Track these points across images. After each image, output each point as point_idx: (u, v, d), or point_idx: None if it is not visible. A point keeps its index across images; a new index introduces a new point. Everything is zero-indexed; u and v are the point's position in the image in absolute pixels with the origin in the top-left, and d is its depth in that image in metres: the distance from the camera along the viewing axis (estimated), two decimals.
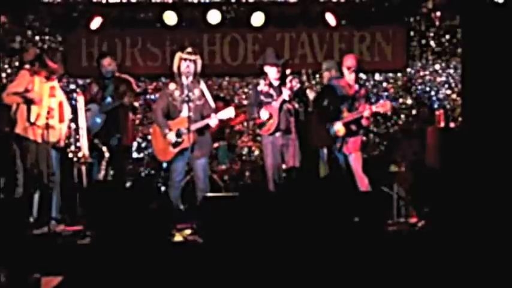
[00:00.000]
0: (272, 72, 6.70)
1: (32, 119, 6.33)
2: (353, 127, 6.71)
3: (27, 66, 6.84)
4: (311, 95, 7.29)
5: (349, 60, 6.77)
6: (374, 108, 6.55)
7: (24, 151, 6.43)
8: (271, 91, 6.72)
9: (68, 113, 6.66)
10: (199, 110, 6.54)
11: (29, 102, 6.33)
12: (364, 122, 6.70)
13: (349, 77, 6.76)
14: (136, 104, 7.48)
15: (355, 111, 6.67)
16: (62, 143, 6.64)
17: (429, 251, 2.74)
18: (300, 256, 2.62)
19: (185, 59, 6.49)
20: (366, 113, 6.58)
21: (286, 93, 6.51)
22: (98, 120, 7.21)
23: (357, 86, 6.78)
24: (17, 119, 6.43)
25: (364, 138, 7.31)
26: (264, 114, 6.67)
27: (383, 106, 6.56)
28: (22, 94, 6.33)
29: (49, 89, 6.45)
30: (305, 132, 6.86)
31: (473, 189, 2.95)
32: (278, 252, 2.64)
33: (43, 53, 6.65)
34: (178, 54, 6.58)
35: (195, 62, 6.56)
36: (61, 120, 6.57)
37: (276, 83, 6.72)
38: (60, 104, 6.58)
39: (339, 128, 6.69)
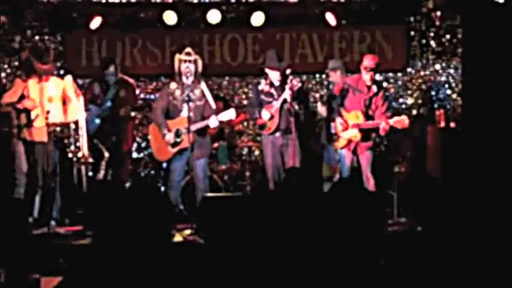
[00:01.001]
0: (274, 75, 6.70)
1: (35, 122, 6.33)
2: (371, 133, 6.65)
3: (19, 72, 6.86)
4: (322, 108, 7.31)
5: (366, 60, 6.68)
6: (391, 122, 6.49)
7: (26, 153, 6.44)
8: (272, 90, 6.71)
9: (71, 93, 6.57)
10: (200, 110, 6.53)
11: (26, 109, 6.34)
12: (381, 132, 6.60)
13: (366, 76, 6.68)
14: (132, 114, 7.49)
15: (371, 121, 6.58)
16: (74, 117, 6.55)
17: (429, 251, 2.73)
18: (300, 256, 2.61)
19: (184, 61, 6.50)
20: (383, 125, 6.50)
21: (287, 93, 6.50)
22: (97, 121, 7.22)
23: (374, 87, 6.73)
24: (19, 123, 6.44)
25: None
26: (265, 114, 6.66)
27: (400, 122, 6.50)
28: (15, 105, 6.34)
29: (45, 88, 6.44)
30: (313, 132, 6.87)
31: (474, 189, 2.96)
32: (278, 252, 2.63)
33: (31, 56, 6.56)
34: (177, 56, 6.59)
35: (195, 62, 6.56)
36: (67, 100, 6.50)
37: (277, 83, 6.72)
38: (63, 93, 6.54)
39: (354, 133, 6.63)
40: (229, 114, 6.50)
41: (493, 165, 7.02)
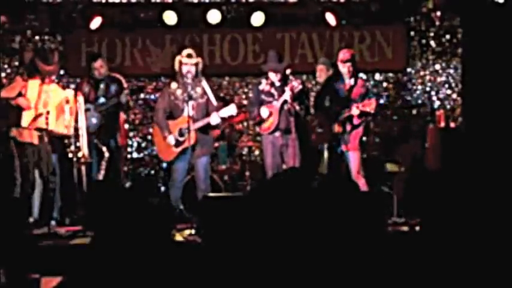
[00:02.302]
0: (274, 76, 6.71)
1: (24, 123, 6.30)
2: (347, 126, 6.70)
3: (21, 70, 6.86)
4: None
5: (341, 54, 6.77)
6: (361, 107, 6.55)
7: (20, 153, 6.43)
8: (273, 90, 6.72)
9: (67, 107, 6.59)
10: (202, 108, 6.53)
11: (19, 107, 6.32)
12: (354, 120, 6.65)
13: (343, 70, 6.75)
14: (130, 102, 7.44)
15: (347, 110, 6.67)
16: (68, 131, 6.53)
17: (428, 252, 2.73)
18: (300, 256, 2.61)
19: (185, 63, 6.50)
20: (353, 112, 6.56)
21: (287, 94, 6.51)
22: (94, 120, 7.18)
23: (352, 81, 6.77)
24: (8, 122, 6.43)
25: (364, 138, 7.28)
26: (264, 112, 6.67)
27: (369, 105, 6.55)
28: (10, 101, 6.33)
29: (46, 92, 6.41)
30: (306, 131, 6.86)
31: (474, 189, 2.96)
32: (279, 252, 2.63)
33: (35, 57, 6.56)
34: (178, 58, 6.58)
35: (196, 64, 6.55)
36: (71, 113, 6.49)
37: (278, 83, 6.73)
38: (67, 101, 6.53)
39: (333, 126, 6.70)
40: (231, 110, 6.48)
41: (493, 165, 7.02)
